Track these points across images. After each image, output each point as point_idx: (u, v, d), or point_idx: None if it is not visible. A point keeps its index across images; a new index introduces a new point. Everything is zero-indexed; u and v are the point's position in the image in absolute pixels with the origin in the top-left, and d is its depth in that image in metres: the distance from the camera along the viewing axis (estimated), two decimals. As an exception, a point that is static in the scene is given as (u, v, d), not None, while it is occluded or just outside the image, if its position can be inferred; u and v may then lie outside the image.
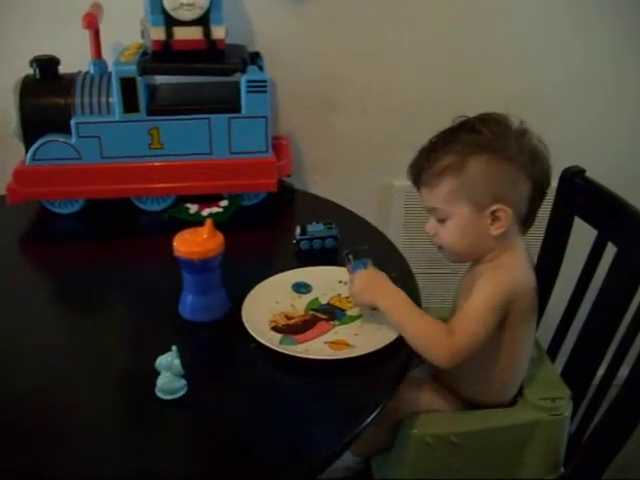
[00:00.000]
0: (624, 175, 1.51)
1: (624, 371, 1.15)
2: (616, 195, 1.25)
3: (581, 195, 1.33)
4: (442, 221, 1.14)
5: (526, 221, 1.15)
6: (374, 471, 1.25)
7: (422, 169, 1.13)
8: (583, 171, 1.33)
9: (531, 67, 1.69)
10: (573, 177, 1.33)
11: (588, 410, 1.26)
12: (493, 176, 1.09)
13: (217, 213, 1.43)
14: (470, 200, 1.10)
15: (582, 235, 1.33)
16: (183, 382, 0.95)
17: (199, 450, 0.89)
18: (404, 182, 1.37)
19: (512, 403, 1.21)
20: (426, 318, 1.07)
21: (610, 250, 1.25)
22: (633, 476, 1.75)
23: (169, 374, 0.94)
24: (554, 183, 1.30)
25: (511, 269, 1.12)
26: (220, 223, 1.11)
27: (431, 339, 1.06)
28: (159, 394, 0.94)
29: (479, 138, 1.10)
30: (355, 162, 1.75)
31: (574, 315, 1.36)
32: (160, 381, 0.94)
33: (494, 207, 1.09)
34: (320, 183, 1.72)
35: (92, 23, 1.40)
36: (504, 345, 1.14)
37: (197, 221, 1.25)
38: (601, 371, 1.25)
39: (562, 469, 1.23)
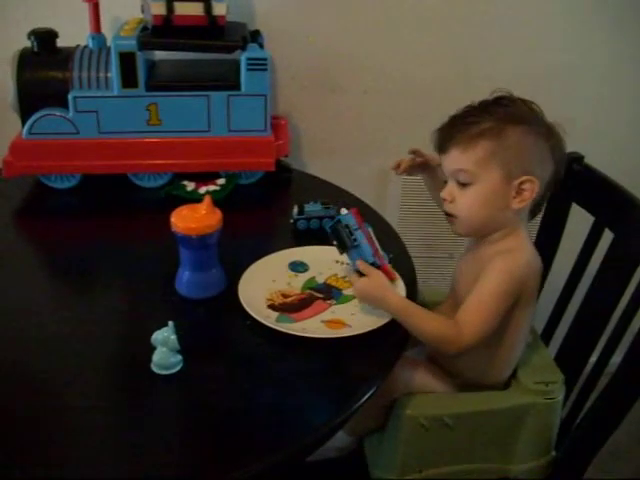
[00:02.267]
0: (623, 162, 1.51)
1: (617, 358, 1.15)
2: (614, 182, 1.25)
3: (579, 182, 1.33)
4: (464, 186, 1.12)
5: (536, 206, 1.17)
6: (366, 451, 1.26)
7: (456, 131, 1.12)
8: (582, 157, 1.33)
9: (532, 52, 1.68)
10: (572, 164, 1.33)
11: (580, 395, 1.27)
12: (527, 148, 1.10)
13: (214, 191, 1.41)
14: (502, 167, 1.10)
15: (579, 221, 1.33)
16: (179, 357, 0.95)
17: (194, 425, 0.89)
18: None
19: (506, 386, 1.21)
20: (432, 317, 1.07)
21: (607, 237, 1.25)
22: (622, 462, 1.77)
23: (165, 349, 0.94)
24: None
25: (521, 253, 1.13)
26: (217, 201, 1.11)
27: (440, 339, 1.07)
28: (154, 369, 0.94)
29: (516, 110, 1.12)
30: (353, 144, 1.74)
31: (569, 300, 1.36)
32: (156, 356, 0.94)
33: (523, 178, 1.10)
34: (317, 164, 1.71)
35: (91, -4, 1.39)
36: (509, 327, 1.15)
37: (194, 199, 1.24)
38: (594, 357, 1.26)
39: (553, 452, 1.23)
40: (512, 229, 1.14)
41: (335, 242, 1.10)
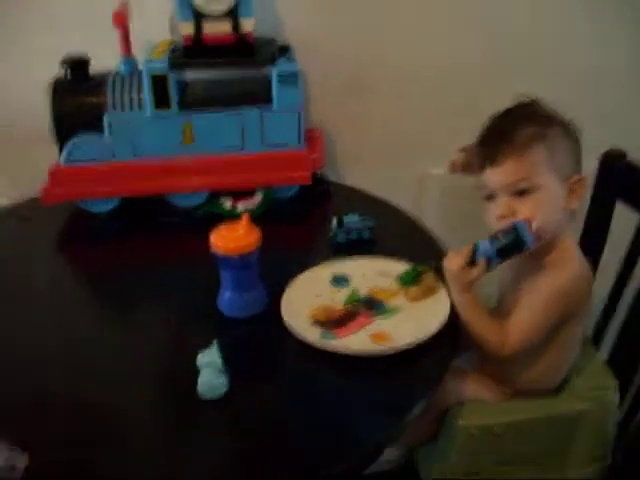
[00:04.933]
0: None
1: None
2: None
3: (623, 179, 1.30)
4: (522, 195, 1.08)
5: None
6: (419, 463, 1.24)
7: (503, 143, 1.08)
8: (624, 154, 1.30)
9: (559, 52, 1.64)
10: (614, 161, 1.30)
11: (634, 400, 1.24)
12: (570, 147, 1.11)
13: (252, 207, 1.41)
14: (556, 170, 1.08)
15: (625, 219, 1.29)
16: (225, 379, 0.94)
17: (243, 448, 0.88)
18: (440, 170, 1.35)
19: (558, 390, 1.19)
20: (485, 320, 1.11)
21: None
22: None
23: (210, 371, 0.93)
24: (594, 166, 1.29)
25: (569, 267, 1.11)
26: (255, 217, 1.10)
27: (483, 342, 1.11)
28: (200, 391, 0.93)
29: (547, 112, 1.12)
30: (389, 150, 1.71)
31: (617, 302, 1.33)
32: (201, 379, 0.93)
33: (576, 177, 1.09)
34: (353, 174, 1.70)
35: (121, 20, 1.39)
36: (559, 337, 1.13)
37: (232, 216, 1.24)
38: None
39: (610, 459, 1.20)
40: (559, 235, 1.12)
41: (500, 235, 1.07)
